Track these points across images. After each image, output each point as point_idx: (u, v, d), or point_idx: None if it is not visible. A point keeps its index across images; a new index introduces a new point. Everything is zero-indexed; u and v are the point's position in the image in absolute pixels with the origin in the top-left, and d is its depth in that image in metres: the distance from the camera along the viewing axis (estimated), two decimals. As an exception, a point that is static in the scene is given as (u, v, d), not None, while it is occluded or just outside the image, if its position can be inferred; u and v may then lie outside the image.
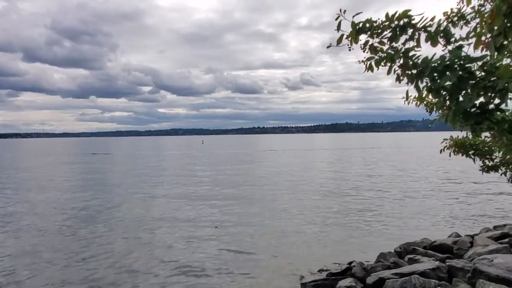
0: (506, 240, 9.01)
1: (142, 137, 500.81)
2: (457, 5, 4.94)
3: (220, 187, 23.37)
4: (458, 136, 6.08)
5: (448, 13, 4.85)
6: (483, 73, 2.72)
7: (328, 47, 3.11)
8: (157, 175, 31.20)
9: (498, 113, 2.74)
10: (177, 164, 43.66)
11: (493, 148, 5.55)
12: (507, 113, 2.85)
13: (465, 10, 4.74)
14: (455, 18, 4.86)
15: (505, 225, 10.98)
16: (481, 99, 2.76)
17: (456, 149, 6.08)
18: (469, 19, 4.69)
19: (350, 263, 8.84)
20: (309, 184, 23.81)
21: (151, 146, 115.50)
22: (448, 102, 2.84)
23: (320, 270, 8.90)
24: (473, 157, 6.12)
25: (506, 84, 2.34)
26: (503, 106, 2.72)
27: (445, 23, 4.34)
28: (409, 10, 2.79)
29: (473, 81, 2.72)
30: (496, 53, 2.32)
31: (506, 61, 3.86)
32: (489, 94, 2.63)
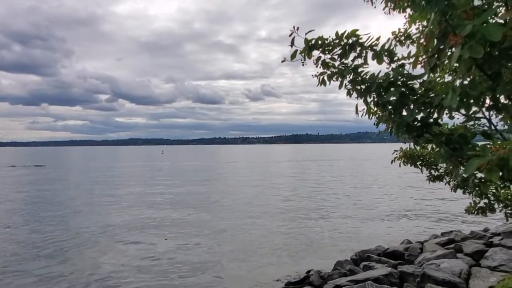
0: (452, 245, 9.59)
1: (98, 146, 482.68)
2: (404, 25, 5.31)
3: (178, 198, 23.01)
4: (407, 148, 6.42)
5: (396, 33, 5.20)
6: (423, 90, 2.95)
7: (282, 61, 3.24)
8: (111, 185, 30.20)
9: (437, 126, 2.98)
10: (135, 174, 42.47)
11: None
12: (444, 127, 3.10)
13: (411, 31, 5.10)
14: (402, 38, 5.23)
15: (451, 231, 11.67)
16: (422, 113, 2.99)
17: (405, 160, 6.41)
18: (415, 39, 5.05)
19: (308, 271, 9.01)
20: (267, 196, 24.00)
21: (105, 156, 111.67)
22: (392, 116, 3.05)
23: (278, 280, 9.00)
24: (420, 167, 6.47)
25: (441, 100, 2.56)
26: (441, 120, 2.96)
27: (393, 42, 4.66)
28: (357, 30, 2.98)
29: (415, 97, 2.94)
30: (430, 73, 2.54)
31: (447, 78, 4.20)
32: (428, 109, 2.86)
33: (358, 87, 3.17)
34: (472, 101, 2.36)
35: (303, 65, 3.20)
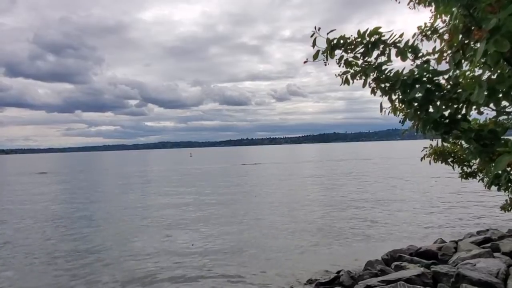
0: (489, 244, 9.23)
1: (129, 151, 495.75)
2: (430, 19, 5.17)
3: (206, 197, 23.29)
4: (437, 144, 6.24)
5: (422, 27, 5.07)
6: (449, 86, 2.89)
7: (304, 62, 3.26)
8: (147, 187, 30.97)
9: (465, 122, 2.90)
10: (165, 177, 43.35)
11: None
12: (474, 123, 3.02)
13: (437, 25, 4.96)
14: (429, 32, 5.09)
15: (487, 230, 11.23)
16: (449, 110, 2.92)
17: (436, 157, 6.24)
18: (443, 33, 4.91)
19: (338, 272, 8.92)
20: (297, 196, 23.91)
21: (138, 160, 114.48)
22: (419, 113, 3.00)
23: (309, 280, 8.96)
24: (452, 164, 6.28)
25: (469, 95, 2.50)
26: (469, 116, 2.88)
27: (419, 37, 4.57)
28: (379, 27, 2.96)
29: (441, 93, 2.88)
30: (455, 68, 2.49)
31: (478, 72, 4.06)
32: (456, 105, 2.79)
33: (382, 85, 3.14)
34: (501, 95, 2.29)
35: (325, 65, 3.20)
